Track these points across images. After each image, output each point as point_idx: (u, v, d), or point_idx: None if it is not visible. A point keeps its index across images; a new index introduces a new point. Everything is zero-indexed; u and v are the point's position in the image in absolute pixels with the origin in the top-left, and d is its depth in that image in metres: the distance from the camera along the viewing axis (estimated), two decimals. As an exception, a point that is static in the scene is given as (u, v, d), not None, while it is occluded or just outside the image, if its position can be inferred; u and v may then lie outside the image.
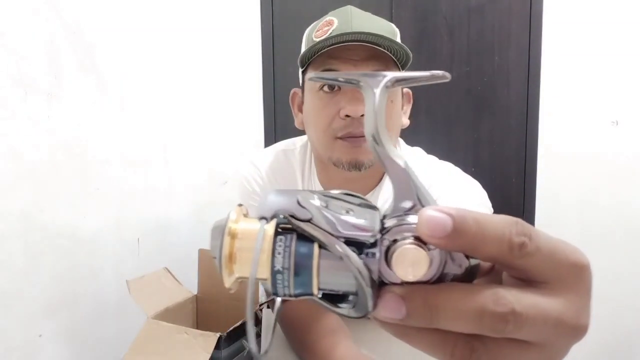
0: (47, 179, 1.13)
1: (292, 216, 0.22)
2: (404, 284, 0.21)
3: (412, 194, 0.22)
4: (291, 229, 0.22)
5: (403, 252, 0.20)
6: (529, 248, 0.20)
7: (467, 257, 0.22)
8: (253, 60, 1.82)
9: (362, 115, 0.70)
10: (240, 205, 0.24)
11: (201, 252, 0.88)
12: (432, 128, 1.81)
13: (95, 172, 1.26)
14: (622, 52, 1.75)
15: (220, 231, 0.22)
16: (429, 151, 0.91)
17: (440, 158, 0.89)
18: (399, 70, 0.76)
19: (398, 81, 0.23)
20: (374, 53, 0.71)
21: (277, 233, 0.21)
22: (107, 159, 1.29)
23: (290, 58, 1.80)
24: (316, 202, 0.22)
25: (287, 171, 0.88)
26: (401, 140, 0.90)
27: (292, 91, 0.86)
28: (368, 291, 0.21)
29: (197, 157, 1.61)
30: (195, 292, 0.87)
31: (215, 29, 1.66)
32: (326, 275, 0.21)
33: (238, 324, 0.70)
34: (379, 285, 0.21)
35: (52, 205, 1.15)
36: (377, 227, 0.21)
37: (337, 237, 0.21)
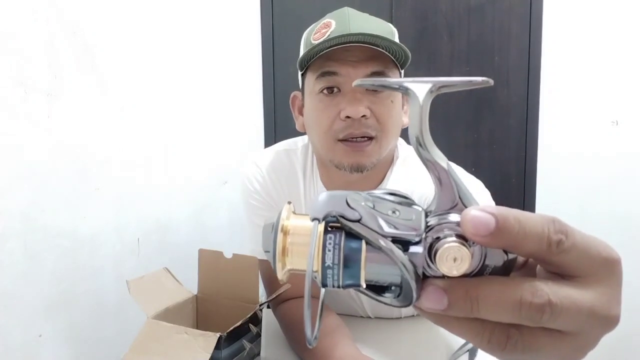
0: (47, 179, 1.13)
1: (342, 216, 0.23)
2: (445, 277, 0.23)
3: (453, 193, 0.24)
4: (339, 227, 0.24)
5: (447, 249, 0.22)
6: (566, 245, 0.22)
7: (505, 252, 0.23)
8: (253, 60, 1.82)
9: (363, 116, 0.71)
10: (289, 202, 0.27)
11: (201, 252, 0.88)
12: (432, 128, 1.79)
13: (95, 172, 1.26)
14: (622, 52, 1.75)
15: (272, 228, 0.24)
16: (429, 151, 0.91)
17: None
18: (399, 70, 0.76)
19: (442, 87, 0.25)
20: (372, 54, 0.71)
21: (326, 231, 0.24)
22: (107, 159, 1.29)
23: (290, 58, 1.80)
24: (364, 203, 0.24)
25: (289, 171, 0.88)
26: (402, 140, 0.90)
27: (292, 94, 0.86)
28: (413, 284, 0.23)
29: (197, 157, 1.61)
30: (195, 292, 0.87)
31: (215, 29, 1.66)
32: (373, 269, 0.23)
33: (238, 324, 0.70)
34: (422, 278, 0.23)
35: (52, 205, 1.15)
36: (423, 226, 0.23)
37: (385, 236, 0.23)
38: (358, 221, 0.23)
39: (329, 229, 0.24)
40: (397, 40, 0.77)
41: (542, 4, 1.76)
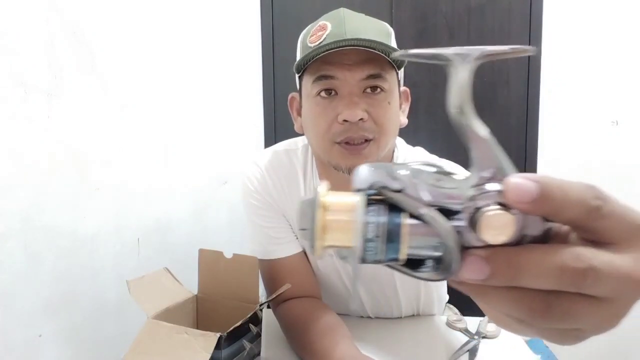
0: (47, 179, 1.13)
1: (384, 187, 0.23)
2: (485, 247, 0.22)
3: (493, 163, 0.24)
4: (380, 199, 0.23)
5: (492, 216, 0.22)
6: (604, 211, 0.22)
7: (543, 220, 0.23)
8: (253, 61, 1.82)
9: (361, 119, 0.71)
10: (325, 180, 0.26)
11: (201, 252, 0.88)
12: (432, 128, 1.81)
13: (95, 172, 1.26)
14: (622, 52, 1.75)
15: (311, 205, 0.24)
16: (429, 151, 0.91)
17: (440, 157, 0.89)
18: (395, 71, 0.76)
19: (487, 55, 0.25)
20: (368, 56, 0.71)
21: (367, 204, 0.23)
22: (107, 159, 1.29)
23: (290, 59, 1.79)
24: (406, 173, 0.24)
25: (289, 171, 0.88)
26: (402, 140, 0.90)
27: (289, 96, 0.87)
28: (456, 254, 0.22)
29: (197, 158, 1.61)
30: (195, 292, 0.87)
31: (215, 30, 1.66)
32: (414, 241, 0.23)
33: (238, 324, 0.70)
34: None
35: (52, 205, 1.15)
36: (466, 195, 0.23)
37: (429, 206, 0.23)
38: (401, 191, 0.23)
39: (370, 201, 0.23)
40: (393, 40, 0.77)
41: (542, 4, 1.76)
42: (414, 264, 0.25)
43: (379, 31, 0.72)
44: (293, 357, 0.80)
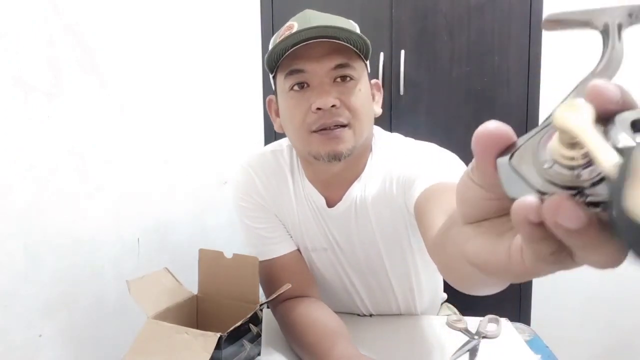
0: (47, 179, 1.13)
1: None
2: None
3: None
4: None
5: None
6: None
7: None
8: (253, 60, 1.82)
9: (333, 106, 0.73)
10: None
11: (201, 252, 0.88)
12: (432, 128, 1.80)
13: (95, 172, 1.26)
14: (622, 52, 1.75)
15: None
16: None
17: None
18: (363, 61, 0.79)
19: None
20: (335, 47, 0.74)
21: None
22: (107, 159, 1.29)
23: (290, 58, 1.79)
24: None
25: (278, 171, 0.90)
26: (379, 128, 0.92)
27: (267, 99, 0.89)
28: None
29: (197, 157, 1.61)
30: (195, 292, 0.87)
31: (216, 29, 1.66)
32: None
33: (238, 324, 0.70)
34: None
35: (52, 205, 1.15)
36: None
37: None
38: None
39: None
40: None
41: (542, 4, 1.76)
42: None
43: (344, 24, 0.76)
44: (293, 357, 0.80)
